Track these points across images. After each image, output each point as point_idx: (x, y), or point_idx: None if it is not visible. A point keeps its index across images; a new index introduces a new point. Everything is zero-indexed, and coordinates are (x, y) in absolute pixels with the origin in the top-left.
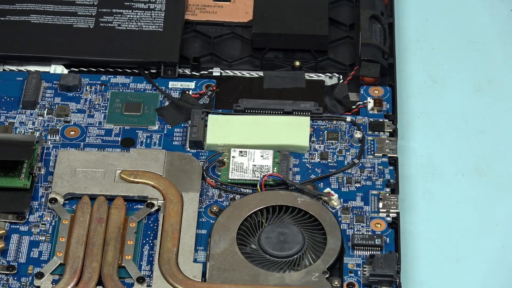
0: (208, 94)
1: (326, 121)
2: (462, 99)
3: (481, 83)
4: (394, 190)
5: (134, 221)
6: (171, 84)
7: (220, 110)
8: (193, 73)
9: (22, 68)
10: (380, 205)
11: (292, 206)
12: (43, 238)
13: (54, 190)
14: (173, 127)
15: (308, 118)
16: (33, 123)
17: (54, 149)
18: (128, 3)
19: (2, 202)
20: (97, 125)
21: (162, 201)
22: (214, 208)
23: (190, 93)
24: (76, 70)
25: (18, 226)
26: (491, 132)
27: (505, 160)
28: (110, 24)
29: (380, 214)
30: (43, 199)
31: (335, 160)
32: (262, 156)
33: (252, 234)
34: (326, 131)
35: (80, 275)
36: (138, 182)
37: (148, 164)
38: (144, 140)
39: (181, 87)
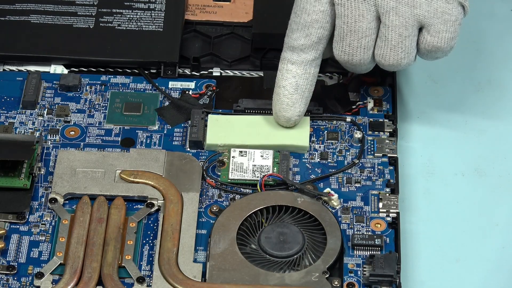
0: (208, 94)
1: (326, 121)
2: (462, 99)
3: (481, 83)
4: (394, 190)
5: (134, 221)
6: (171, 84)
7: (220, 110)
8: (193, 73)
9: (22, 68)
10: (380, 205)
11: (292, 206)
12: (43, 238)
13: (54, 190)
14: (173, 127)
15: (308, 118)
16: (33, 123)
17: (54, 149)
18: (128, 3)
19: (2, 202)
20: (97, 125)
21: (162, 201)
22: (214, 208)
23: (190, 93)
24: (76, 70)
25: (18, 226)
26: (491, 132)
27: (505, 160)
28: (110, 24)
29: (380, 214)
30: (43, 199)
31: (335, 160)
32: (262, 156)
33: (252, 234)
34: (326, 131)
35: (80, 275)
36: (138, 182)
37: (148, 164)
38: (144, 140)
39: (181, 87)
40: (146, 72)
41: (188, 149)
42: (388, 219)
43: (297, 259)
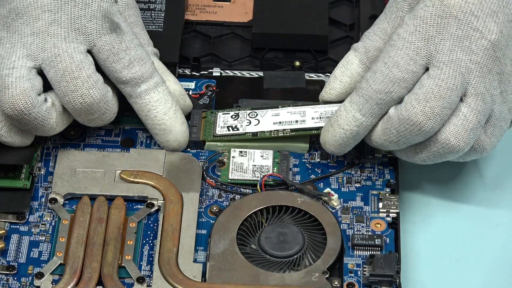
0: (208, 94)
1: None
2: None
3: None
4: (394, 190)
5: (134, 221)
6: None
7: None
8: (193, 73)
9: None
10: (380, 205)
11: (292, 206)
12: (43, 238)
13: (54, 190)
14: None
15: None
16: None
17: (54, 149)
18: None
19: (2, 202)
20: None
21: (162, 201)
22: (214, 208)
23: (190, 93)
24: None
25: (18, 226)
26: None
27: (505, 160)
28: None
29: (380, 214)
30: (43, 199)
31: (335, 160)
32: (262, 156)
33: (252, 234)
34: None
35: (80, 275)
36: (138, 182)
37: (148, 164)
38: (144, 140)
39: None
40: None
41: (188, 149)
42: (388, 219)
43: (297, 259)
